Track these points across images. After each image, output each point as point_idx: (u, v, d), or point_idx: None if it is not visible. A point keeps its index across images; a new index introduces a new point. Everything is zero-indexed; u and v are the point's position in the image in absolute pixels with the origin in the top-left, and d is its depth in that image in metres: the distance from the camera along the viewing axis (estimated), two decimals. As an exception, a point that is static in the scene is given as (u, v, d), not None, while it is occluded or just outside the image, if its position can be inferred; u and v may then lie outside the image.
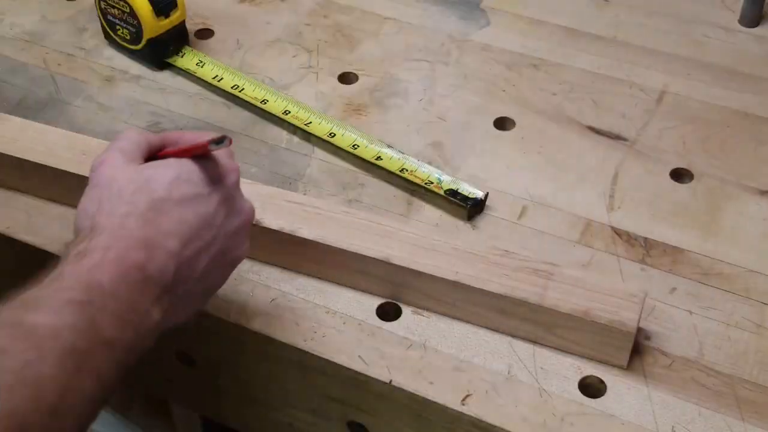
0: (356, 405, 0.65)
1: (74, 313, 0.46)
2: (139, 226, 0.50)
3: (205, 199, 0.53)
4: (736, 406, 0.59)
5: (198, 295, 0.54)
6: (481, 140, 0.78)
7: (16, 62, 0.87)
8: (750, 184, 0.74)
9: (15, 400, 0.41)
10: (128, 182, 0.52)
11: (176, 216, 0.51)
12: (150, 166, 0.53)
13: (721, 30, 0.90)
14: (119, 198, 0.51)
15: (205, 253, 0.53)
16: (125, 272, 0.48)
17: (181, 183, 0.52)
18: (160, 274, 0.50)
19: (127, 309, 0.48)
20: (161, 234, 0.50)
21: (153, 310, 0.49)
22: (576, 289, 0.61)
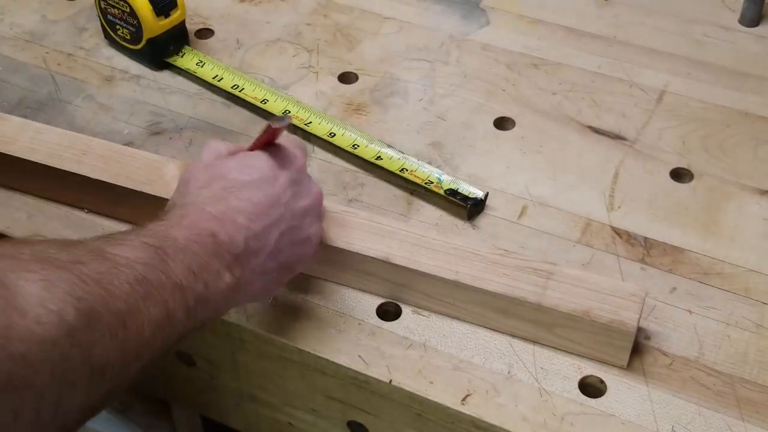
0: (356, 405, 0.65)
1: (148, 252, 0.50)
2: (211, 203, 0.55)
3: (272, 181, 0.58)
4: (736, 406, 0.59)
5: (273, 271, 0.58)
6: (481, 140, 0.78)
7: (16, 62, 0.87)
8: (750, 184, 0.74)
9: (88, 291, 0.45)
10: (204, 173, 0.58)
11: (245, 195, 0.56)
12: (223, 160, 0.59)
13: (721, 29, 0.90)
14: (201, 180, 0.57)
15: (275, 229, 0.57)
16: (197, 234, 0.53)
17: (249, 168, 0.58)
18: (230, 242, 0.54)
19: (198, 265, 0.52)
20: (231, 210, 0.55)
21: (224, 274, 0.53)
22: (576, 288, 0.61)
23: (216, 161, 0.59)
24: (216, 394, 0.73)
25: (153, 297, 0.49)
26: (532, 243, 0.69)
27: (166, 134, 0.79)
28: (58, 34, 0.90)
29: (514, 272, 0.62)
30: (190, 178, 0.58)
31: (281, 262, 0.58)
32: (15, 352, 0.41)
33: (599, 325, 0.59)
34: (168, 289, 0.50)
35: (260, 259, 0.56)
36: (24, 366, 0.41)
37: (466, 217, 0.71)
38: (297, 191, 0.59)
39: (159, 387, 0.80)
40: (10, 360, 0.40)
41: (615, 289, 0.61)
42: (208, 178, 0.58)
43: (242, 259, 0.55)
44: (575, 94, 0.83)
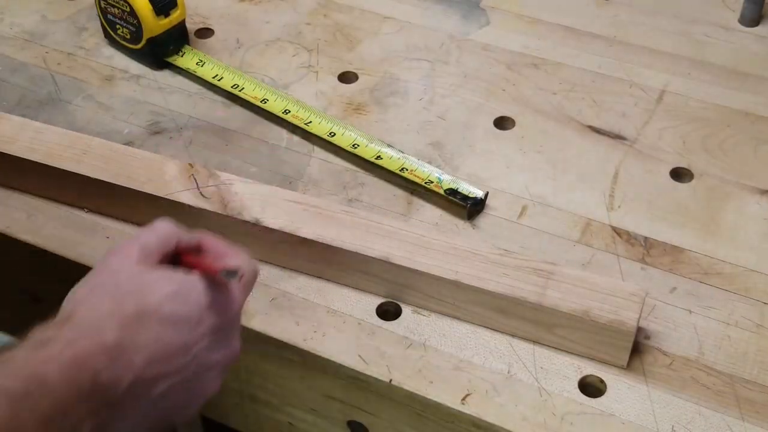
0: (356, 404, 0.65)
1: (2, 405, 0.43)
2: (114, 331, 0.47)
3: (195, 324, 0.49)
4: (736, 406, 0.59)
5: (145, 418, 0.49)
6: (481, 140, 0.78)
7: (15, 61, 0.87)
8: (750, 184, 0.74)
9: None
10: (127, 281, 0.49)
11: (155, 332, 0.48)
12: (156, 272, 0.50)
13: (721, 29, 0.90)
14: (111, 295, 0.49)
15: (168, 379, 0.49)
16: (76, 375, 0.45)
17: (176, 300, 0.49)
18: (111, 384, 0.46)
19: (60, 415, 0.44)
20: (132, 345, 0.47)
21: (85, 423, 0.45)
22: (576, 288, 0.61)
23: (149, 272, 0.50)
24: (216, 394, 0.73)
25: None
26: (532, 243, 0.69)
27: (166, 134, 0.79)
28: (58, 34, 0.90)
29: (514, 272, 0.62)
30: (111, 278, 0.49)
31: (161, 411, 0.50)
32: None
33: (599, 325, 0.60)
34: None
35: (136, 405, 0.48)
36: None
37: (466, 216, 0.71)
38: (216, 341, 0.51)
39: (159, 386, 0.80)
40: None
41: (615, 290, 0.61)
42: (129, 290, 0.49)
43: (115, 402, 0.46)
44: (575, 93, 0.83)
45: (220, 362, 0.52)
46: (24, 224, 0.71)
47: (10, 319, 0.87)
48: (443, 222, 0.71)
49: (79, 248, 0.69)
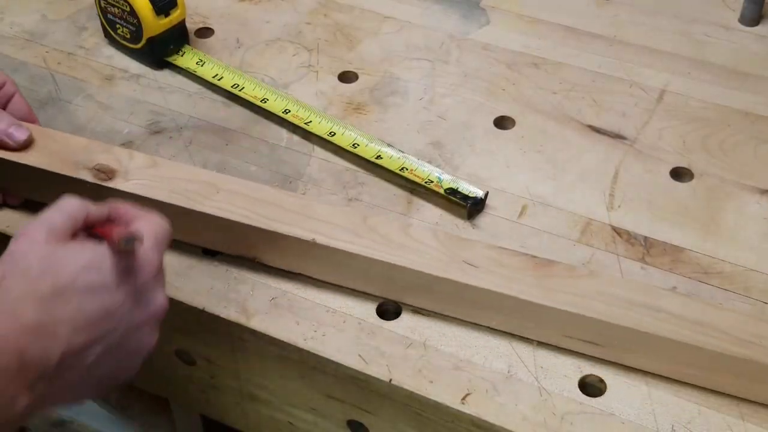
0: (356, 404, 0.65)
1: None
2: (32, 310, 0.48)
3: (112, 291, 0.50)
4: (736, 406, 0.59)
5: (87, 385, 0.51)
6: (481, 139, 0.78)
7: (15, 61, 0.87)
8: (750, 183, 0.74)
9: None
10: (38, 261, 0.49)
11: (76, 304, 0.49)
12: (66, 247, 0.51)
13: (721, 29, 0.90)
14: (23, 278, 0.49)
15: (98, 345, 0.50)
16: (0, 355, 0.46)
17: (89, 271, 0.50)
18: (40, 360, 0.47)
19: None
20: (55, 320, 0.48)
21: (20, 398, 0.47)
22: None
23: (58, 249, 0.50)
24: (216, 393, 0.73)
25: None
26: (532, 242, 0.69)
27: (166, 133, 0.79)
28: (58, 34, 0.90)
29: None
30: (21, 261, 0.50)
31: (101, 374, 0.51)
32: None
33: None
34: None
35: (73, 375, 0.49)
36: None
37: (466, 216, 0.71)
38: (139, 301, 0.52)
39: (158, 386, 0.80)
40: None
41: None
42: (42, 270, 0.49)
43: (50, 375, 0.48)
44: (575, 93, 0.83)
45: (147, 320, 0.53)
46: (24, 224, 0.71)
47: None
48: (443, 222, 0.71)
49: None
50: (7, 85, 0.71)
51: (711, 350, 0.58)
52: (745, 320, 0.59)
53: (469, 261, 0.62)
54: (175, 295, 0.66)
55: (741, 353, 0.57)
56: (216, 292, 0.66)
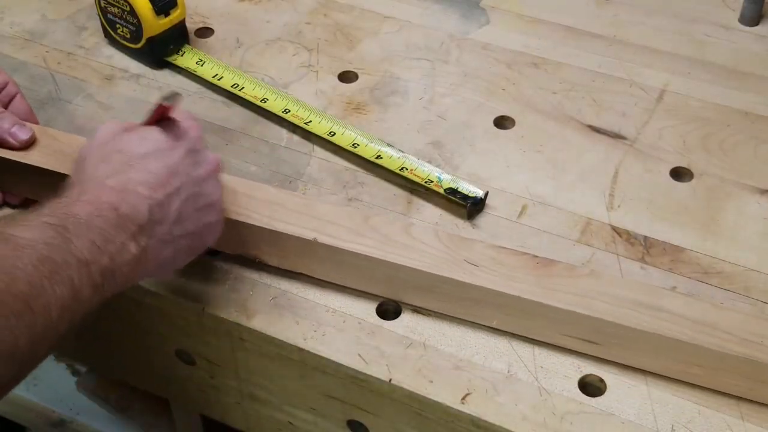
0: (356, 404, 0.65)
1: (49, 231, 0.51)
2: (111, 177, 0.56)
3: (169, 152, 0.59)
4: (736, 405, 0.59)
5: (181, 238, 0.59)
6: (481, 139, 0.78)
7: (15, 61, 0.87)
8: (750, 183, 0.74)
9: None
10: (105, 147, 0.59)
11: (144, 167, 0.58)
12: (124, 133, 0.61)
13: (721, 29, 0.90)
14: (98, 157, 0.59)
15: (176, 197, 0.58)
16: (99, 209, 0.54)
17: (145, 140, 0.60)
18: (133, 213, 0.55)
19: (102, 239, 0.52)
20: (131, 181, 0.57)
21: (129, 245, 0.54)
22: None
23: (120, 136, 0.60)
24: (216, 393, 0.73)
25: (58, 276, 0.49)
26: (532, 242, 0.69)
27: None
28: (58, 33, 0.90)
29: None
30: (86, 156, 0.59)
31: (188, 229, 0.59)
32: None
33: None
34: (73, 267, 0.50)
35: (165, 227, 0.57)
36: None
37: (466, 216, 0.71)
38: (195, 160, 0.61)
39: (158, 386, 0.80)
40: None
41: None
42: (105, 153, 0.59)
43: (147, 229, 0.56)
44: (575, 93, 0.83)
45: (208, 174, 0.61)
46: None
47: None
48: (443, 222, 0.71)
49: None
50: (9, 86, 0.73)
51: (712, 350, 0.58)
52: (746, 319, 0.59)
53: (470, 260, 0.62)
54: (175, 294, 0.66)
55: (742, 352, 0.57)
56: (216, 292, 0.66)
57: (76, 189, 0.56)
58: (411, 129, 0.79)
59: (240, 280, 0.67)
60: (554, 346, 0.62)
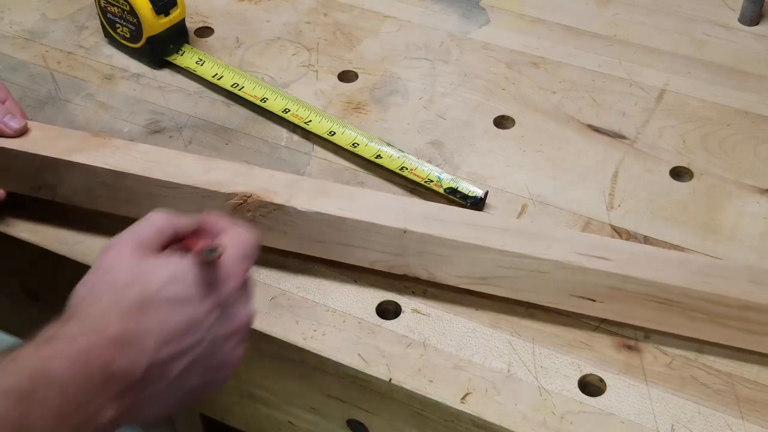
0: (356, 403, 0.65)
1: (7, 402, 0.44)
2: (118, 320, 0.48)
3: (196, 302, 0.51)
4: (736, 405, 0.59)
5: (174, 397, 0.51)
6: (481, 138, 0.78)
7: (15, 60, 0.87)
8: (750, 183, 0.74)
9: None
10: (125, 273, 0.50)
11: (161, 315, 0.49)
12: (152, 260, 0.51)
13: (721, 28, 0.90)
14: (110, 288, 0.50)
15: (184, 358, 0.50)
16: (86, 369, 0.46)
17: (174, 283, 0.50)
18: (126, 372, 0.48)
19: (72, 407, 0.45)
20: (140, 331, 0.49)
21: (107, 408, 0.47)
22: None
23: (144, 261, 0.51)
24: (216, 392, 0.73)
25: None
26: (532, 242, 0.69)
27: (165, 133, 0.79)
28: (58, 33, 0.90)
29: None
30: (109, 272, 0.51)
31: (187, 388, 0.52)
32: None
33: None
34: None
35: (159, 386, 0.49)
36: None
37: (465, 215, 0.71)
38: (224, 314, 0.52)
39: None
40: None
41: None
42: (128, 281, 0.50)
43: (137, 388, 0.48)
44: (575, 92, 0.83)
45: (234, 332, 0.53)
46: (24, 223, 0.71)
47: (10, 318, 0.87)
48: (443, 221, 0.71)
49: (79, 247, 0.69)
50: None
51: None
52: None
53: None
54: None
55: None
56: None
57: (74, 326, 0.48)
58: (411, 128, 0.79)
59: (240, 279, 0.67)
60: (554, 346, 0.62)
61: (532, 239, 0.62)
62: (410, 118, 0.80)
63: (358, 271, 0.67)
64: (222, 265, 0.52)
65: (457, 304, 0.65)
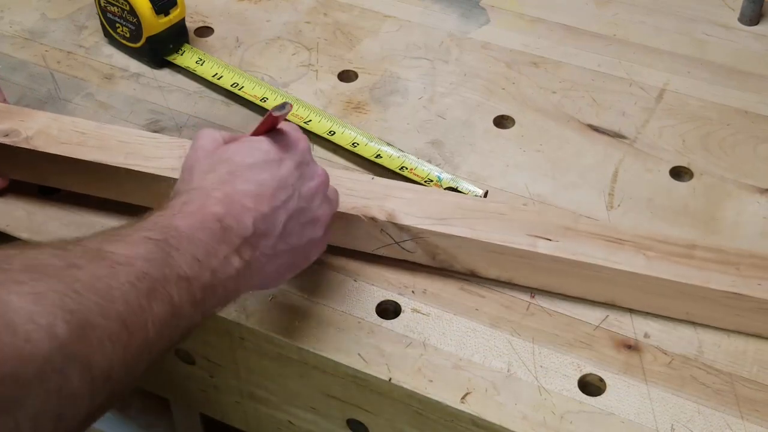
0: (356, 403, 0.65)
1: (149, 246, 0.49)
2: (216, 187, 0.55)
3: (278, 164, 0.57)
4: (736, 405, 0.59)
5: (285, 253, 0.57)
6: (480, 138, 0.78)
7: (15, 60, 0.87)
8: (749, 183, 0.74)
9: (80, 301, 0.43)
10: (213, 154, 0.58)
11: (251, 178, 0.56)
12: (230, 145, 0.59)
13: (721, 28, 0.90)
14: (205, 165, 0.57)
15: (283, 210, 0.57)
16: (202, 221, 0.53)
17: (253, 150, 0.58)
18: (238, 225, 0.54)
19: (204, 252, 0.51)
20: (237, 193, 0.55)
21: (232, 258, 0.53)
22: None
23: (226, 145, 0.59)
24: (216, 392, 0.73)
25: (156, 293, 0.48)
26: (532, 241, 0.69)
27: (165, 132, 0.79)
28: (58, 32, 0.90)
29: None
30: (194, 165, 0.58)
31: (293, 244, 0.58)
32: (5, 373, 0.39)
33: None
34: (172, 283, 0.49)
35: (270, 241, 0.56)
36: (16, 387, 0.40)
37: (465, 215, 0.71)
38: (303, 173, 0.59)
39: (159, 385, 0.80)
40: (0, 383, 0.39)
41: None
42: (212, 162, 0.57)
43: (252, 242, 0.54)
44: (575, 92, 0.83)
45: (316, 189, 0.60)
46: (24, 223, 0.71)
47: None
48: (443, 221, 0.71)
49: (79, 247, 0.69)
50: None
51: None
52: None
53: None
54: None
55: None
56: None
57: (180, 198, 0.54)
58: (411, 128, 0.79)
59: (240, 279, 0.67)
60: (554, 346, 0.62)
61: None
62: (410, 118, 0.80)
63: (359, 270, 0.67)
64: (288, 132, 0.60)
65: (457, 303, 0.65)
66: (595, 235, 0.64)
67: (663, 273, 0.62)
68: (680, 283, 0.61)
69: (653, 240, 0.63)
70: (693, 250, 0.63)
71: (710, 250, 0.63)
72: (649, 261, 0.62)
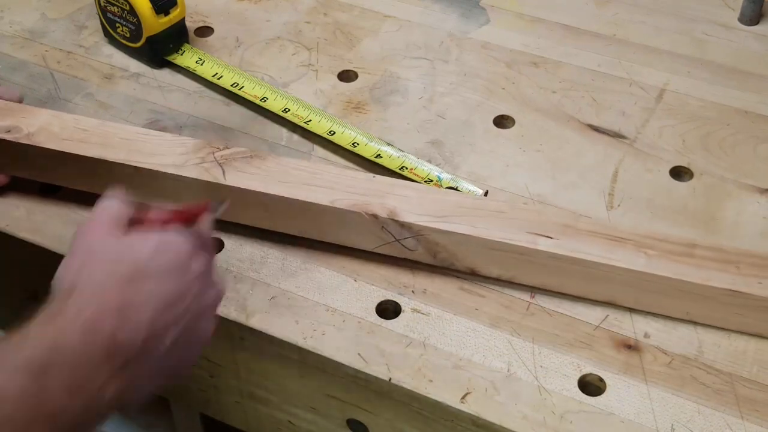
0: (356, 403, 0.65)
1: (24, 380, 0.45)
2: (116, 293, 0.49)
3: (185, 269, 0.52)
4: (736, 405, 0.59)
5: (159, 374, 0.52)
6: (480, 138, 0.78)
7: (15, 60, 0.87)
8: (750, 183, 0.74)
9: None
10: (111, 248, 0.52)
11: (154, 286, 0.50)
12: (132, 236, 0.53)
13: (721, 28, 0.90)
14: (101, 264, 0.51)
15: (175, 328, 0.51)
16: (93, 337, 0.48)
17: (160, 254, 0.52)
18: (128, 342, 0.49)
19: (83, 380, 0.47)
20: (137, 303, 0.50)
21: (110, 385, 0.48)
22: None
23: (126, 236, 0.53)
24: (215, 392, 0.73)
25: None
26: (532, 241, 0.69)
27: (165, 132, 0.79)
28: (58, 32, 0.90)
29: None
30: (94, 251, 0.52)
31: (172, 361, 0.52)
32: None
33: None
34: (39, 423, 0.45)
35: (152, 360, 0.50)
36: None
37: (465, 215, 0.71)
38: (205, 284, 0.54)
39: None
40: None
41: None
42: (116, 256, 0.51)
43: (135, 360, 0.49)
44: (575, 92, 0.83)
45: (211, 304, 0.55)
46: (24, 222, 0.71)
47: (9, 317, 0.87)
48: (443, 220, 0.71)
49: (79, 247, 0.69)
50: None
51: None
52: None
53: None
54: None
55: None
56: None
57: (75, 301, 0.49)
58: (411, 128, 0.79)
59: (239, 279, 0.67)
60: (554, 346, 0.62)
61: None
62: (410, 118, 0.80)
63: (359, 270, 0.67)
64: (203, 232, 0.54)
65: (457, 303, 0.65)
66: (596, 234, 0.64)
67: (663, 271, 0.62)
68: (680, 281, 0.61)
69: (653, 239, 0.64)
70: (693, 249, 0.63)
71: (710, 249, 0.63)
72: (649, 259, 0.62)
